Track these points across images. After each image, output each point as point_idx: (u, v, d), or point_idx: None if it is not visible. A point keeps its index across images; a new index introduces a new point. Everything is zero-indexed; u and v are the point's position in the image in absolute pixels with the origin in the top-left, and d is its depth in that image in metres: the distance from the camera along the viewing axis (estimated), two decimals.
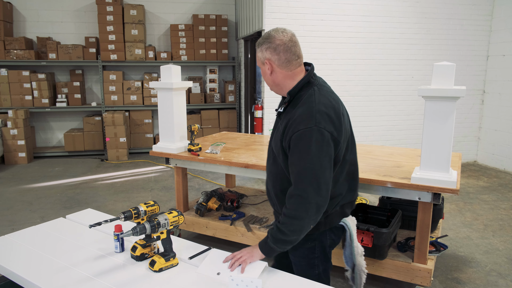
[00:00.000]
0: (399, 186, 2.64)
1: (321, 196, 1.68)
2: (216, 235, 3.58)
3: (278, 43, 1.77)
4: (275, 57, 1.78)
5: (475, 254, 3.59)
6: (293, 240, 1.75)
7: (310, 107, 1.72)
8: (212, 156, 3.41)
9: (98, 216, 2.32)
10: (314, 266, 1.95)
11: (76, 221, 2.26)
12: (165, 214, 1.72)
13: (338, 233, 1.99)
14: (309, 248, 1.92)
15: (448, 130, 2.50)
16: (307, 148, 1.66)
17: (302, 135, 1.67)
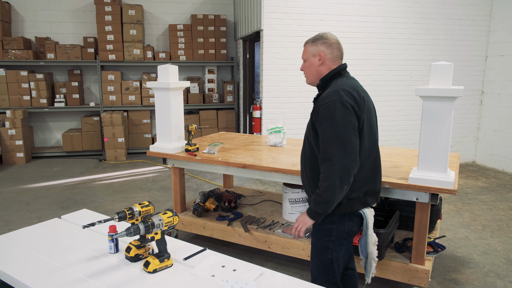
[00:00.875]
0: (396, 186, 2.63)
1: (348, 158, 1.87)
2: (213, 235, 3.56)
3: (333, 42, 2.12)
4: (329, 51, 2.10)
5: (473, 255, 3.58)
6: (330, 200, 1.90)
7: (336, 87, 1.99)
8: (209, 156, 3.39)
9: (94, 217, 2.31)
10: (328, 250, 2.06)
11: (71, 222, 2.24)
12: (159, 215, 1.71)
13: (356, 221, 2.09)
14: (327, 230, 2.05)
15: (446, 130, 2.48)
16: (332, 117, 1.89)
17: (327, 107, 1.91)
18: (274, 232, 3.31)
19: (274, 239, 3.24)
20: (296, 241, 3.15)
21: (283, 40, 5.95)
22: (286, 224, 3.45)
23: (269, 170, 3.06)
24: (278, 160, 3.24)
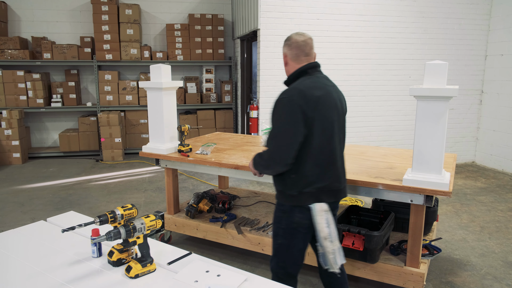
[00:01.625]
0: (390, 188, 2.58)
1: (278, 151, 2.07)
2: (206, 237, 3.51)
3: (293, 42, 2.21)
4: (289, 52, 2.21)
5: (471, 257, 3.53)
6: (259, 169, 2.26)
7: (293, 85, 2.13)
8: (202, 157, 3.35)
9: (80, 219, 2.26)
10: (278, 235, 2.24)
11: (57, 224, 2.20)
12: (141, 218, 1.66)
13: (307, 215, 2.13)
14: (278, 217, 2.23)
15: (441, 131, 2.43)
16: (276, 112, 2.08)
17: (276, 103, 2.09)
18: (268, 234, 3.26)
19: (267, 241, 3.19)
20: None
21: (280, 39, 5.89)
22: None
23: None
24: None
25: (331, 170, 2.16)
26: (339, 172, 2.22)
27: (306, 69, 2.17)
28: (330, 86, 2.19)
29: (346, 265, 2.88)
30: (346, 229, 2.76)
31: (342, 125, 2.25)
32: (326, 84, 2.17)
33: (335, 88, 2.24)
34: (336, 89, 2.25)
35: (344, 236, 2.77)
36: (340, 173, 2.22)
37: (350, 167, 2.99)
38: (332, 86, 2.22)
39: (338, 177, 2.20)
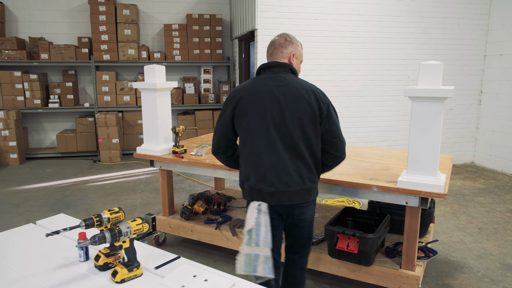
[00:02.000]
0: (385, 190, 2.55)
1: (212, 144, 2.35)
2: (201, 239, 3.49)
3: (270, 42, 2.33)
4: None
5: (468, 259, 3.49)
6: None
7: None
8: (196, 158, 3.32)
9: (70, 222, 2.23)
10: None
11: (46, 227, 2.17)
12: (128, 222, 1.63)
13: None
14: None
15: (436, 132, 2.40)
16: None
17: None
18: None
19: None
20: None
21: None
22: None
23: None
24: None
25: (255, 171, 2.13)
26: (267, 175, 2.09)
27: (260, 69, 2.24)
28: (273, 86, 2.12)
29: (342, 267, 2.85)
30: (341, 231, 2.72)
31: (284, 127, 2.09)
32: (266, 84, 2.13)
33: (283, 87, 2.12)
34: (285, 88, 2.11)
35: (339, 239, 2.74)
36: (268, 176, 2.09)
37: (345, 168, 2.96)
38: (277, 86, 2.12)
39: (264, 179, 2.10)
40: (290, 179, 2.09)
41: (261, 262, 2.03)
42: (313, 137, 2.14)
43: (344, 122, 6.34)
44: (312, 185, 2.17)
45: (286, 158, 2.10)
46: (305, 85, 2.17)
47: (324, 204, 4.05)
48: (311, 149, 2.15)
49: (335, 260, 2.87)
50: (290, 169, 2.10)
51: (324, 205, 4.00)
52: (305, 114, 2.10)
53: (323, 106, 2.13)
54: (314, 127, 2.13)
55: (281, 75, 2.17)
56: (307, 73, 6.03)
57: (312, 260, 2.97)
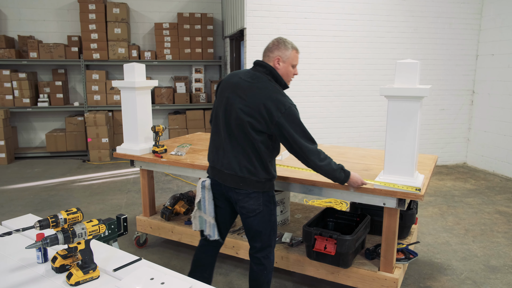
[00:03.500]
0: (362, 190, 2.50)
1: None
2: (181, 240, 3.44)
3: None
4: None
5: (452, 261, 3.44)
6: None
7: None
8: (176, 158, 3.27)
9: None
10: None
11: (11, 228, 2.11)
12: (83, 223, 1.58)
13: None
14: None
15: (412, 132, 2.35)
16: None
17: None
18: (243, 237, 3.18)
19: (242, 244, 3.12)
20: None
21: (267, 38, 5.76)
22: None
23: None
24: None
25: (213, 154, 2.40)
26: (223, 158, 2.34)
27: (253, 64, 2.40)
28: (244, 80, 2.28)
29: (321, 269, 2.80)
30: (318, 233, 2.68)
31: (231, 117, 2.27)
32: (240, 77, 2.32)
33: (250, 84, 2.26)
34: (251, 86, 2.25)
35: (316, 240, 2.69)
36: (222, 159, 2.34)
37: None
38: (247, 81, 2.27)
39: (219, 161, 2.36)
40: (228, 163, 2.31)
41: (208, 226, 2.46)
42: (256, 138, 2.23)
43: (334, 122, 6.31)
44: (251, 176, 2.28)
45: (228, 144, 2.31)
46: (271, 91, 2.23)
47: (310, 205, 4.01)
48: (253, 146, 2.25)
49: (314, 262, 2.82)
50: (230, 154, 2.30)
51: (309, 206, 3.95)
52: (253, 115, 2.20)
53: (275, 116, 2.18)
54: (260, 130, 2.21)
55: (257, 74, 2.30)
56: None
57: (291, 261, 2.92)
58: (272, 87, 2.25)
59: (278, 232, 3.23)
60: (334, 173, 2.35)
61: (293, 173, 2.78)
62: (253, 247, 2.45)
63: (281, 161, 3.14)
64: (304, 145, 2.22)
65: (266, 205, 2.36)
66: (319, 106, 6.20)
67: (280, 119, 2.17)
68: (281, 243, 3.07)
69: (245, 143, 2.24)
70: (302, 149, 2.23)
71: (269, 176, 2.33)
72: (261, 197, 2.33)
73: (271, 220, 2.40)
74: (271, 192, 2.39)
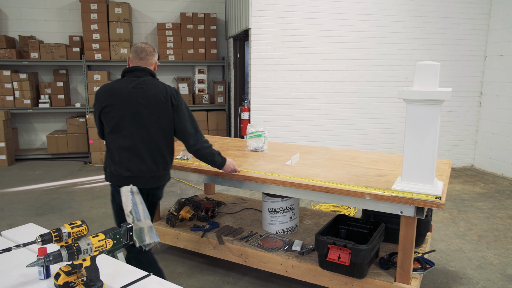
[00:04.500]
0: (378, 198, 2.39)
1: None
2: (187, 247, 3.33)
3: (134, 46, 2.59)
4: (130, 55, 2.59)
5: (467, 269, 3.33)
6: None
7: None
8: (182, 162, 3.16)
9: (38, 232, 2.07)
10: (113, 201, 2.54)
11: (12, 239, 2.01)
12: (88, 238, 1.47)
13: (115, 191, 2.47)
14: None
15: (432, 137, 2.24)
16: None
17: None
18: (251, 245, 3.07)
19: (250, 253, 3.01)
20: (274, 255, 2.91)
21: (272, 39, 5.72)
22: (264, 236, 3.21)
23: (242, 178, 2.82)
24: (255, 167, 3.00)
25: (117, 158, 2.42)
26: (125, 162, 2.40)
27: (124, 72, 2.49)
28: (133, 88, 2.40)
29: (334, 280, 2.69)
30: (331, 242, 2.56)
31: (139, 121, 2.40)
32: (127, 86, 2.41)
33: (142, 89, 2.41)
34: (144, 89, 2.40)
35: (330, 249, 2.58)
36: (125, 163, 2.40)
37: (338, 173, 2.80)
38: (136, 88, 2.40)
39: (122, 165, 2.41)
40: (146, 167, 2.42)
41: (147, 232, 2.36)
42: (168, 132, 2.47)
43: (340, 124, 6.19)
44: (165, 172, 2.52)
45: (142, 149, 2.41)
46: (160, 85, 2.46)
47: (318, 210, 3.89)
48: (167, 141, 2.48)
49: (326, 272, 2.71)
50: (146, 159, 2.42)
51: (317, 212, 3.84)
52: (161, 111, 2.42)
53: (174, 102, 2.45)
54: (168, 121, 2.45)
55: (141, 78, 2.46)
56: (302, 74, 5.87)
57: (302, 271, 2.81)
58: (160, 83, 2.49)
59: (288, 240, 3.13)
60: (213, 156, 2.61)
61: (305, 180, 2.67)
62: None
63: (292, 166, 3.03)
64: (190, 128, 2.49)
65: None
66: (325, 108, 6.09)
67: (177, 108, 2.46)
68: (291, 251, 2.96)
69: (160, 141, 2.45)
70: (189, 131, 2.49)
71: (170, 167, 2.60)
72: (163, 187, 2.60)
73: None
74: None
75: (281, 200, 3.22)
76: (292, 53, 5.80)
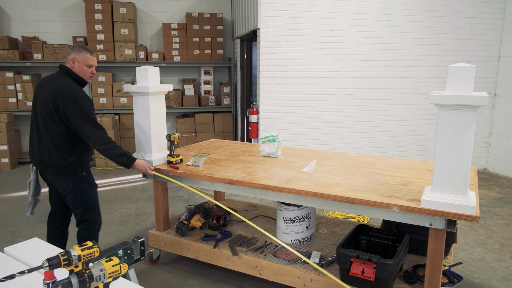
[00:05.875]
0: (407, 210, 2.24)
1: None
2: (198, 257, 3.18)
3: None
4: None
5: (492, 281, 3.17)
6: None
7: None
8: (193, 169, 3.01)
9: (43, 249, 1.93)
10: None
11: (15, 257, 1.86)
12: (101, 263, 1.32)
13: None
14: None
15: (467, 145, 2.08)
16: None
17: None
18: (266, 256, 2.92)
19: (265, 264, 2.85)
20: (291, 268, 2.76)
21: (281, 39, 5.56)
22: (279, 247, 3.05)
23: (258, 187, 2.67)
24: (271, 175, 2.85)
25: (31, 143, 2.84)
26: (34, 146, 2.78)
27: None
28: (45, 81, 2.72)
29: None
30: (355, 256, 2.41)
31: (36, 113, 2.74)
32: (45, 80, 2.75)
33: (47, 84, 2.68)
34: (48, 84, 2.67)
35: (353, 263, 2.42)
36: (34, 147, 2.78)
37: (360, 182, 2.65)
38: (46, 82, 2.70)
39: (32, 149, 2.81)
40: (36, 150, 2.76)
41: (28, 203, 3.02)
42: (54, 127, 2.65)
43: (351, 127, 6.04)
44: (55, 161, 2.70)
45: (39, 136, 2.74)
46: (58, 85, 2.63)
47: (333, 218, 3.74)
48: (51, 135, 2.66)
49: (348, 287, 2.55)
50: (37, 143, 2.75)
51: (333, 219, 3.68)
52: (46, 107, 2.63)
53: (61, 104, 2.59)
54: (52, 118, 2.63)
55: (55, 74, 2.76)
56: (312, 75, 5.72)
57: (322, 285, 2.65)
58: (61, 82, 2.65)
59: (305, 250, 2.97)
60: (115, 157, 2.75)
61: (325, 189, 2.52)
62: (78, 221, 2.90)
63: (309, 173, 2.87)
64: (87, 130, 2.61)
65: (76, 185, 2.76)
66: (335, 110, 5.93)
67: (65, 108, 2.58)
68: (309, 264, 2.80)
69: (46, 132, 2.67)
70: (86, 134, 2.62)
71: (68, 161, 2.70)
72: (69, 178, 2.74)
73: (85, 197, 2.82)
74: (79, 173, 2.77)
75: (297, 209, 3.06)
76: (301, 54, 5.65)
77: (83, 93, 2.68)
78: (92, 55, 2.80)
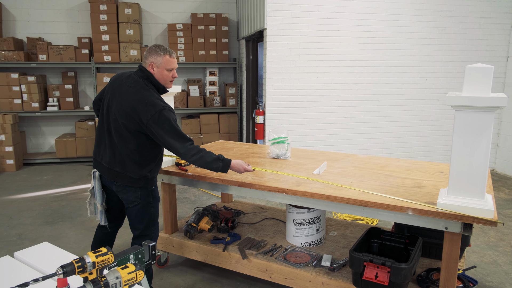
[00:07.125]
0: (422, 213, 2.19)
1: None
2: (207, 260, 3.14)
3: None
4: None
5: (506, 285, 3.12)
6: None
7: None
8: (202, 171, 2.97)
9: (54, 254, 1.89)
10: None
11: (25, 262, 1.83)
12: (117, 270, 1.28)
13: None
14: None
15: (485, 147, 2.04)
16: None
17: None
18: (276, 260, 2.88)
19: (276, 268, 2.81)
20: (302, 271, 2.72)
21: (288, 40, 5.52)
22: (290, 250, 3.01)
23: (270, 189, 2.63)
24: (281, 177, 2.82)
25: (98, 146, 2.61)
26: (103, 152, 2.57)
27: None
28: (123, 83, 2.51)
29: None
30: (368, 260, 2.37)
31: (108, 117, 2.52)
32: (122, 79, 2.54)
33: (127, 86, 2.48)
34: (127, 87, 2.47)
35: (366, 267, 2.38)
36: (103, 153, 2.58)
37: (372, 184, 2.61)
38: (125, 84, 2.49)
39: (99, 154, 2.60)
40: (106, 157, 2.55)
41: (98, 212, 2.70)
42: (129, 138, 2.46)
43: (358, 127, 5.99)
44: (128, 173, 2.51)
45: (108, 140, 2.54)
46: (139, 94, 2.43)
47: (343, 220, 3.69)
48: (128, 145, 2.48)
49: None
50: (109, 150, 2.53)
51: (343, 222, 3.64)
52: (124, 117, 2.43)
53: (144, 117, 2.38)
54: (130, 129, 2.44)
55: (133, 76, 2.53)
56: (319, 76, 5.68)
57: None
58: (146, 91, 2.44)
59: (316, 254, 2.93)
60: (210, 165, 2.51)
61: (338, 191, 2.47)
62: (133, 234, 2.71)
63: (320, 175, 2.83)
64: (175, 144, 2.41)
65: (144, 199, 2.60)
66: (342, 110, 5.89)
67: (149, 121, 2.38)
68: (320, 267, 2.77)
69: (121, 142, 2.48)
70: (174, 148, 2.43)
71: (142, 174, 2.53)
72: (138, 191, 2.57)
73: (149, 212, 2.65)
74: (149, 187, 2.62)
75: (308, 211, 3.02)
76: (308, 55, 5.61)
77: (166, 104, 2.46)
78: (172, 56, 2.53)
